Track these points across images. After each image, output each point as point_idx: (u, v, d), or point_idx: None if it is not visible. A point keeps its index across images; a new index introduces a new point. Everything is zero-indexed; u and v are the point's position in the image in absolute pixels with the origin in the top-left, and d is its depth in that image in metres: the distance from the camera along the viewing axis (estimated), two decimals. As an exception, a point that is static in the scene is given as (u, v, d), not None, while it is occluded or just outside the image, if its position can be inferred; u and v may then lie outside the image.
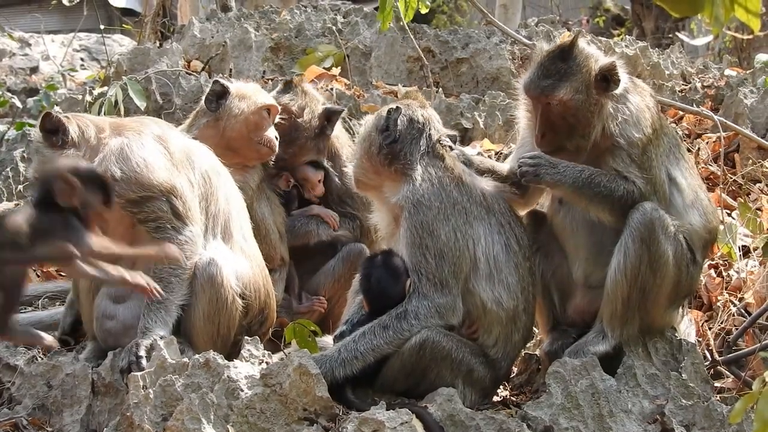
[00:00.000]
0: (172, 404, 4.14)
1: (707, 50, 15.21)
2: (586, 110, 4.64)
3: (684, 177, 4.83)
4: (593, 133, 4.67)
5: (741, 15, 2.46)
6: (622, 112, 4.69)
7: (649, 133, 4.70)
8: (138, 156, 4.61)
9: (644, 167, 4.66)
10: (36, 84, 12.86)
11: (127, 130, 4.75)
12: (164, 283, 4.51)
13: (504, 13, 13.34)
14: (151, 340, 4.42)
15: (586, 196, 4.64)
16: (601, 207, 4.65)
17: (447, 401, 4.23)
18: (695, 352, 4.67)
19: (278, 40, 9.85)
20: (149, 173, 4.58)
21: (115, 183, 4.51)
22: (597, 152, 4.72)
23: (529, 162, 4.65)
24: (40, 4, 16.74)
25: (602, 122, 4.67)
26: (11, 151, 7.83)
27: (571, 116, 4.65)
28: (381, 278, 4.50)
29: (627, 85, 4.76)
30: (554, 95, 4.62)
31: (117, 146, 4.64)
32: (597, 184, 4.62)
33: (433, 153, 4.65)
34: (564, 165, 4.65)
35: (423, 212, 4.47)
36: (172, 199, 4.59)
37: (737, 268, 5.87)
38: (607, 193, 4.61)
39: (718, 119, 7.07)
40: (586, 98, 4.64)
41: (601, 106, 4.67)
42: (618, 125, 4.66)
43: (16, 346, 4.88)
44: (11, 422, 4.53)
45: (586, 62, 4.68)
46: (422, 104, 4.80)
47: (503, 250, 4.55)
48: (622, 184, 4.62)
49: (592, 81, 4.65)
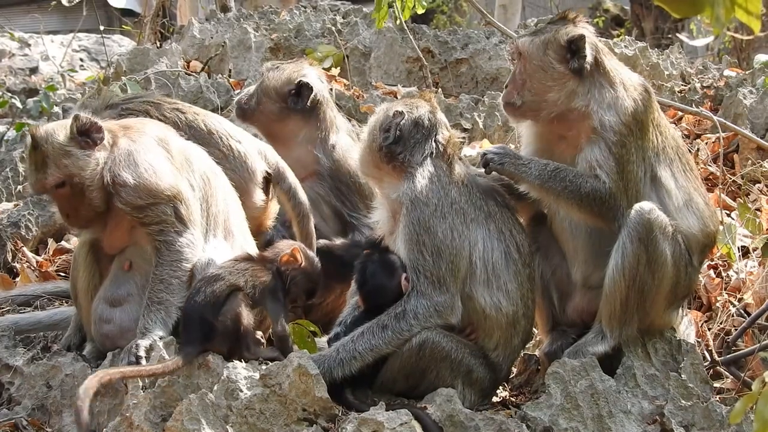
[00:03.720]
0: (171, 405, 4.14)
1: (707, 51, 15.22)
2: (543, 72, 4.69)
3: (674, 178, 4.76)
4: (549, 101, 4.69)
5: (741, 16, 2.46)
6: (601, 95, 4.68)
7: (629, 122, 4.64)
8: (145, 161, 4.65)
9: (621, 161, 4.61)
10: (36, 84, 12.87)
11: (132, 132, 4.78)
12: (165, 284, 4.55)
13: (503, 13, 13.35)
14: (151, 340, 4.42)
15: (553, 191, 4.64)
16: (569, 203, 4.64)
17: (446, 402, 4.23)
18: (694, 352, 4.67)
19: (278, 41, 9.85)
20: (157, 180, 4.62)
21: (123, 189, 4.55)
22: (577, 139, 4.71)
23: (494, 151, 4.72)
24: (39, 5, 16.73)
25: (566, 96, 4.67)
26: (11, 151, 7.83)
27: (527, 74, 4.73)
28: (376, 272, 4.49)
29: (616, 76, 4.73)
30: (519, 46, 4.78)
31: (125, 150, 4.69)
32: (562, 179, 4.61)
33: (439, 155, 4.63)
34: (529, 159, 4.70)
35: (420, 209, 4.47)
36: (177, 204, 4.63)
37: (736, 269, 5.87)
38: (573, 188, 4.60)
39: (717, 120, 7.06)
40: (544, 60, 4.69)
41: (563, 77, 4.68)
42: (595, 108, 4.65)
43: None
44: (11, 423, 4.53)
45: (564, 28, 4.73)
46: (433, 107, 4.77)
47: (502, 257, 4.54)
48: (589, 181, 4.60)
49: (557, 46, 4.69)
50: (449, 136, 4.71)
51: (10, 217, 6.75)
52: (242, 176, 5.41)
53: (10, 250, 6.54)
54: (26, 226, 6.69)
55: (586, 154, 4.65)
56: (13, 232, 6.64)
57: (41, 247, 6.78)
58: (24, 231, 6.67)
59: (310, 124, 6.05)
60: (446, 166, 4.62)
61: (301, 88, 6.01)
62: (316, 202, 5.82)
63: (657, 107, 4.89)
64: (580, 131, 4.71)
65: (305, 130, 6.03)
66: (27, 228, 6.70)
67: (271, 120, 6.04)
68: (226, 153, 5.41)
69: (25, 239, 6.66)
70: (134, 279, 4.74)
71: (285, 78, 6.09)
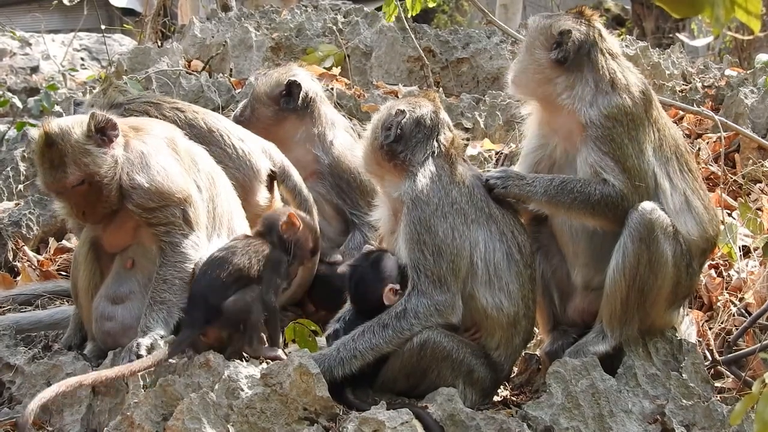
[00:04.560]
0: (172, 404, 4.14)
1: (707, 50, 15.21)
2: (530, 53, 4.81)
3: (668, 179, 4.72)
4: (529, 82, 4.80)
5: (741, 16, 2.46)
6: (584, 91, 4.69)
7: (614, 114, 4.61)
8: (158, 164, 4.66)
9: (617, 157, 4.57)
10: (36, 84, 12.87)
11: (143, 133, 4.79)
12: (168, 284, 4.56)
13: (504, 12, 13.35)
14: (152, 339, 4.42)
15: (563, 204, 4.61)
16: (582, 213, 4.62)
17: (447, 401, 4.23)
18: (695, 352, 4.67)
19: (279, 40, 9.85)
20: (169, 182, 4.63)
21: (135, 191, 4.56)
22: (572, 137, 4.71)
23: (496, 175, 4.66)
24: (40, 4, 16.73)
25: (544, 82, 4.74)
26: (11, 150, 7.83)
27: (522, 48, 4.90)
28: (360, 281, 4.53)
29: (607, 74, 4.73)
30: (528, 20, 5.00)
31: (138, 151, 4.69)
32: (570, 190, 4.59)
33: (441, 155, 4.63)
34: (532, 176, 4.66)
35: (421, 208, 4.47)
36: (186, 206, 4.65)
37: (737, 269, 5.87)
38: (583, 198, 4.57)
39: (718, 119, 7.06)
40: (534, 43, 4.81)
41: (543, 63, 4.75)
42: (578, 106, 4.66)
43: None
44: (12, 422, 4.53)
45: (565, 20, 4.80)
46: (436, 107, 4.76)
47: (504, 258, 4.53)
48: (598, 187, 4.57)
49: (549, 34, 4.76)
50: (452, 137, 4.70)
51: (11, 216, 6.75)
52: (246, 174, 5.42)
53: (11, 249, 6.54)
54: (27, 225, 6.70)
55: (584, 155, 4.64)
56: (14, 231, 6.64)
57: (42, 246, 6.78)
58: (25, 230, 6.67)
59: (306, 123, 6.06)
60: (448, 167, 4.61)
61: (291, 88, 6.03)
62: (318, 203, 5.82)
63: (657, 106, 4.86)
64: (572, 129, 4.71)
65: (302, 130, 6.04)
66: (28, 227, 6.70)
67: (267, 125, 6.04)
68: (229, 152, 5.41)
69: (26, 238, 6.66)
70: (136, 277, 4.75)
71: (274, 81, 6.11)
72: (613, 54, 4.85)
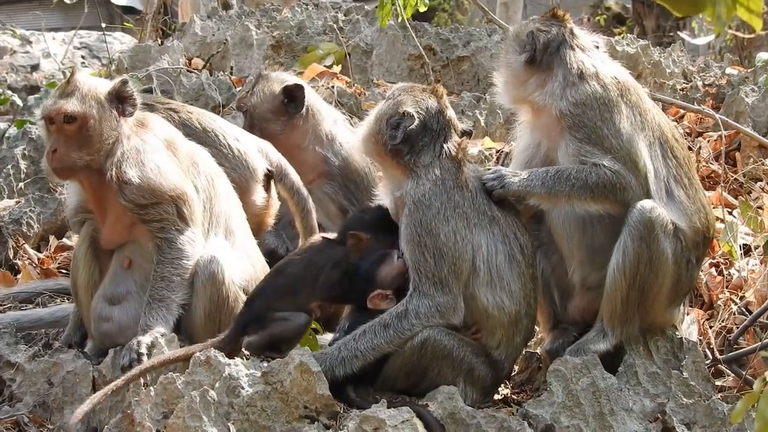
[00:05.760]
0: (172, 402, 4.14)
1: (708, 49, 15.20)
2: (506, 71, 4.95)
3: (651, 163, 4.68)
4: (508, 84, 4.92)
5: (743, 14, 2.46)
6: (552, 86, 4.74)
7: (583, 101, 4.64)
8: (151, 161, 4.67)
9: (592, 140, 4.60)
10: (37, 82, 12.87)
11: (144, 130, 4.79)
12: (166, 281, 4.56)
13: (505, 11, 13.37)
14: (153, 337, 4.42)
15: (563, 193, 4.60)
16: (582, 199, 4.61)
17: (448, 399, 4.23)
18: (696, 350, 4.67)
19: (279, 38, 9.86)
20: (161, 180, 4.63)
21: (127, 186, 4.56)
22: (554, 138, 4.73)
23: (491, 177, 4.64)
24: (41, 2, 16.74)
25: (519, 84, 4.85)
26: (12, 148, 7.82)
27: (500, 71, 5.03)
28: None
29: (577, 68, 4.74)
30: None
31: (134, 147, 4.70)
32: (567, 178, 4.59)
33: (447, 157, 4.60)
34: (527, 172, 4.66)
35: (422, 211, 4.46)
36: (180, 203, 4.65)
37: (738, 267, 5.87)
38: (580, 184, 4.57)
39: (719, 117, 7.06)
40: (508, 46, 4.99)
41: (514, 65, 4.87)
42: (549, 100, 4.71)
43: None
44: (12, 419, 4.54)
45: (534, 23, 4.94)
46: (443, 106, 4.71)
47: (506, 259, 4.52)
48: (592, 170, 4.57)
49: (521, 37, 4.89)
50: (459, 141, 4.67)
51: (11, 214, 6.75)
52: (243, 174, 5.40)
53: (11, 247, 6.54)
54: (28, 223, 6.70)
55: (563, 148, 4.66)
56: (14, 229, 6.64)
57: (43, 244, 6.78)
58: (25, 228, 6.68)
59: (312, 125, 6.05)
60: (454, 170, 4.56)
61: (291, 93, 6.00)
62: (323, 201, 5.82)
63: (641, 94, 4.83)
64: (551, 125, 4.73)
65: (310, 132, 6.04)
66: (28, 225, 6.70)
67: (278, 140, 5.93)
68: (224, 152, 5.40)
69: (27, 236, 6.66)
70: (133, 277, 4.75)
71: (269, 95, 6.05)
72: (585, 48, 4.84)
